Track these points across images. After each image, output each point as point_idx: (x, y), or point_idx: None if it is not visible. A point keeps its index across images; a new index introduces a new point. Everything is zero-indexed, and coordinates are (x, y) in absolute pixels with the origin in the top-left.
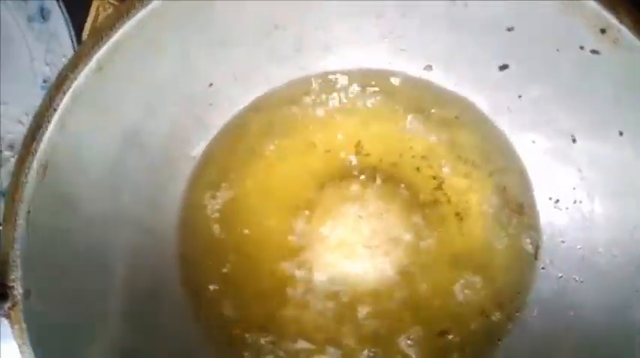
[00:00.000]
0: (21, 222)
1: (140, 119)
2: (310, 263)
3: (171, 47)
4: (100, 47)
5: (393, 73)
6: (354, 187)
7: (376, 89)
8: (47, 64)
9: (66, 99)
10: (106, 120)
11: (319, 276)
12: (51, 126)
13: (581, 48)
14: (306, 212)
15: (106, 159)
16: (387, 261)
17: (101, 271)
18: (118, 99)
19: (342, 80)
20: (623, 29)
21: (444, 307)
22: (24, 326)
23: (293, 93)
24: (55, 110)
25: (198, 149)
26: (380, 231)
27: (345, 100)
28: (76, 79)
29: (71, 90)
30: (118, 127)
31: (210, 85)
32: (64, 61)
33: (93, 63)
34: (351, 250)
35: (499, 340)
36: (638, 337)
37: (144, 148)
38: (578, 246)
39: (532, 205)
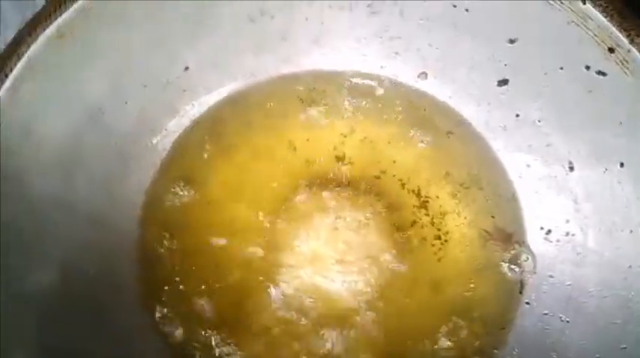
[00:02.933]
0: None
1: (104, 97)
2: (277, 273)
3: (143, 21)
4: (61, 12)
5: (385, 78)
6: (332, 196)
7: (365, 94)
8: None
9: (20, 65)
10: (64, 94)
11: (285, 288)
12: (1, 94)
13: (587, 68)
14: (278, 218)
15: (62, 138)
16: (360, 280)
17: (42, 258)
18: (80, 73)
19: (329, 80)
20: (634, 50)
21: (416, 341)
22: None
23: (275, 89)
24: (6, 76)
25: (167, 139)
26: (356, 247)
27: (330, 103)
28: (33, 43)
29: (26, 55)
30: (79, 104)
31: (186, 68)
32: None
33: (53, 29)
34: (323, 264)
35: None
36: None
37: (107, 131)
38: (567, 283)
39: (521, 235)
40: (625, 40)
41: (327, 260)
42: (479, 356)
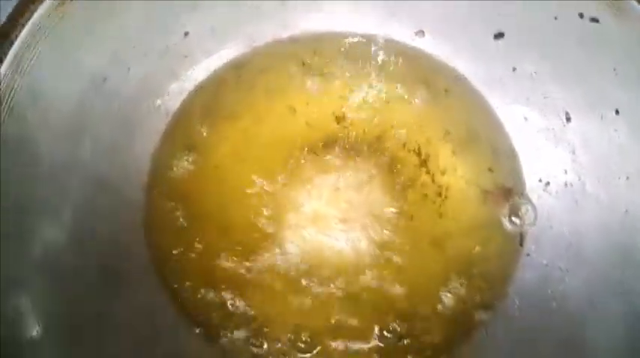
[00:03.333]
0: None
1: (106, 64)
2: (282, 232)
3: None
4: None
5: (382, 38)
6: (334, 158)
7: (363, 55)
8: None
9: (24, 33)
10: (68, 62)
11: (290, 248)
12: (7, 61)
13: (581, 15)
14: (281, 181)
15: (68, 105)
16: (363, 236)
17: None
18: (82, 40)
19: (327, 42)
20: None
21: (419, 297)
22: None
23: (275, 54)
24: (12, 43)
25: (170, 104)
26: (358, 206)
27: (329, 65)
28: (36, 11)
29: (30, 23)
30: (83, 71)
31: (186, 34)
32: None
33: None
34: (326, 223)
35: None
36: (620, 331)
37: (110, 97)
38: (566, 233)
39: (520, 188)
40: None
41: (330, 219)
42: (481, 309)
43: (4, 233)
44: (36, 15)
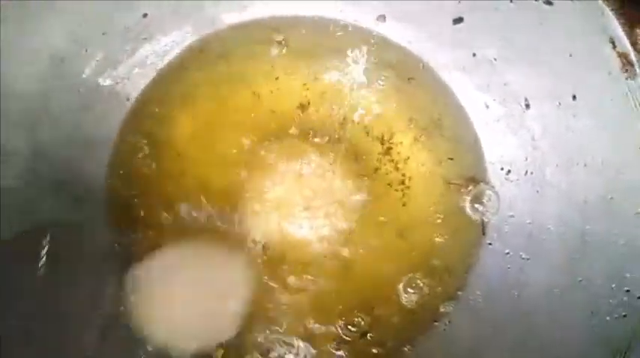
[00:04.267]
0: None
1: (65, 45)
2: (244, 220)
3: None
4: None
5: (345, 22)
6: (297, 143)
7: (326, 41)
8: None
9: None
10: (26, 44)
11: (254, 235)
12: None
13: None
14: (244, 168)
15: (27, 87)
16: (327, 224)
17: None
18: (39, 22)
19: (289, 26)
20: None
21: (382, 286)
22: None
23: (236, 37)
24: None
25: (130, 88)
26: (322, 193)
27: (293, 51)
28: None
29: None
30: (41, 53)
31: (145, 15)
32: None
33: None
34: (290, 210)
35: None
36: (576, 326)
37: (70, 79)
38: (528, 221)
39: (482, 176)
40: None
41: (293, 206)
42: (444, 299)
43: None
44: None
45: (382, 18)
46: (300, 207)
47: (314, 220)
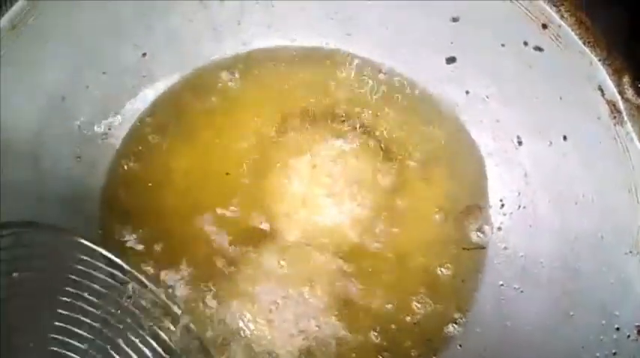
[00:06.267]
0: None
1: (65, 84)
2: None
3: (97, 8)
4: (11, 4)
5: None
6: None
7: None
8: None
9: None
10: (26, 84)
11: (290, 235)
12: None
13: (525, 44)
14: (254, 177)
15: (26, 125)
16: (354, 205)
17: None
18: (38, 63)
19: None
20: (564, 26)
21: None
22: None
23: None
24: None
25: (130, 121)
26: (339, 176)
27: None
28: None
29: None
30: (41, 92)
31: (144, 54)
32: None
33: (4, 21)
34: (315, 202)
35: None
36: (572, 356)
37: (69, 116)
38: (520, 254)
39: (480, 208)
40: (555, 16)
41: (317, 198)
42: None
43: None
44: None
45: (379, 54)
46: (324, 196)
47: (340, 205)
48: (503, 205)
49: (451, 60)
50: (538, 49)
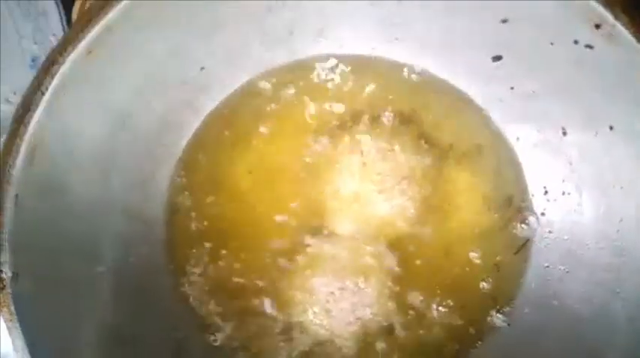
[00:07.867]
0: (9, 205)
1: (130, 104)
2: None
3: (162, 31)
4: (88, 31)
5: (386, 61)
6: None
7: (369, 77)
8: (35, 43)
9: (54, 83)
10: (95, 105)
11: (344, 230)
12: (39, 110)
13: (576, 42)
14: (309, 177)
15: (96, 144)
16: (404, 199)
17: (89, 254)
18: (107, 84)
19: (337, 66)
20: (618, 25)
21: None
22: (12, 308)
23: (286, 77)
24: (42, 94)
25: (188, 133)
26: (388, 173)
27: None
28: (64, 62)
29: (59, 73)
30: (109, 111)
31: (202, 69)
32: (53, 39)
33: (82, 47)
34: (367, 198)
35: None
36: (619, 331)
37: (135, 133)
38: (565, 237)
39: (522, 196)
40: (610, 17)
41: (369, 194)
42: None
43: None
44: (64, 65)
45: (425, 56)
46: (375, 192)
47: (392, 200)
48: (546, 192)
49: (497, 58)
50: (589, 46)
